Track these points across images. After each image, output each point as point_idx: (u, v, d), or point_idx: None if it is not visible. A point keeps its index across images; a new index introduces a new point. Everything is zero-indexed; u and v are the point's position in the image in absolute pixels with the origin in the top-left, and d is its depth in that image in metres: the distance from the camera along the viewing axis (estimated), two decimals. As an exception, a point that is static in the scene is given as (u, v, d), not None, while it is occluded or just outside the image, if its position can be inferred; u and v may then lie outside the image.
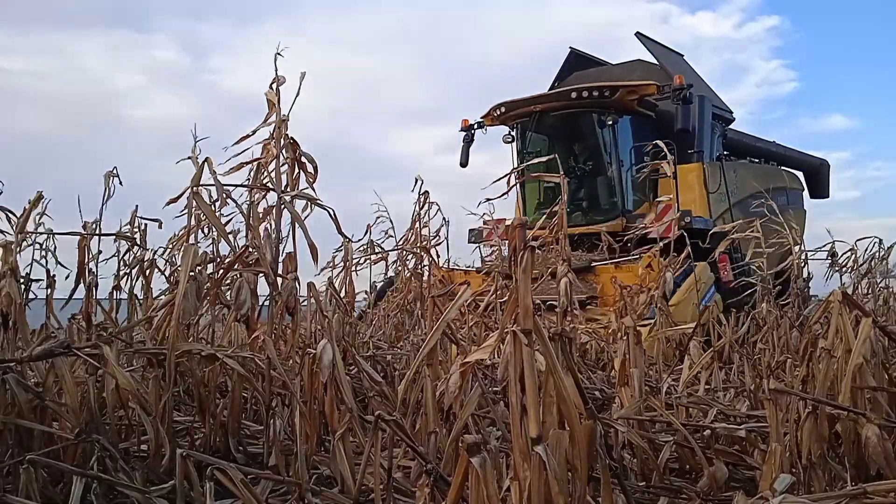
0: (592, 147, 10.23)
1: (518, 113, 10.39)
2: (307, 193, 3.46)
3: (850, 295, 2.81)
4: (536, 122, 10.24)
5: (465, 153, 11.44)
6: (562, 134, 10.53)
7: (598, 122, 9.96)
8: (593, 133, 10.14)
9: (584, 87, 10.03)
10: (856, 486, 2.20)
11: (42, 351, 2.90)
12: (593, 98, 9.78)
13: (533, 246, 1.62)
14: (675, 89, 9.39)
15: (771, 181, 12.15)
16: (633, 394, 2.86)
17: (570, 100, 9.89)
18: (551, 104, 10.09)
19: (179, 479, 2.24)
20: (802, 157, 14.57)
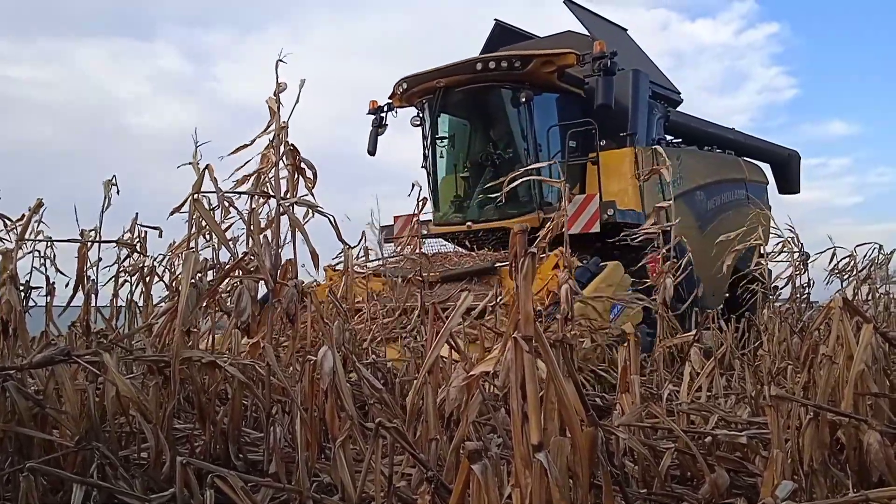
0: (506, 129, 8.91)
1: (422, 90, 8.97)
2: (307, 200, 3.46)
3: (850, 301, 2.81)
4: (443, 100, 8.82)
5: (372, 139, 9.91)
6: (474, 114, 9.23)
7: (511, 99, 8.62)
8: (506, 112, 8.83)
9: (490, 56, 8.74)
10: (858, 492, 2.20)
11: (42, 358, 2.90)
12: (502, 69, 8.40)
13: (534, 252, 1.62)
14: (595, 58, 8.13)
15: (726, 172, 11.06)
16: (634, 400, 2.86)
17: (476, 72, 8.51)
18: (456, 78, 8.66)
19: (179, 487, 2.24)
20: (767, 146, 13.13)
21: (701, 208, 9.78)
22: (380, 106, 9.85)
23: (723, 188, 10.57)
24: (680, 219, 8.37)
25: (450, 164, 9.31)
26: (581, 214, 7.86)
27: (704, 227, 9.68)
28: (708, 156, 10.97)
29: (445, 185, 9.36)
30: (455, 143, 9.24)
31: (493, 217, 8.62)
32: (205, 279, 3.28)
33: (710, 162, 10.88)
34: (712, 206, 10.05)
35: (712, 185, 10.26)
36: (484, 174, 8.80)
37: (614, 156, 8.69)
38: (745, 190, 11.29)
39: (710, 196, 9.99)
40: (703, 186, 10.02)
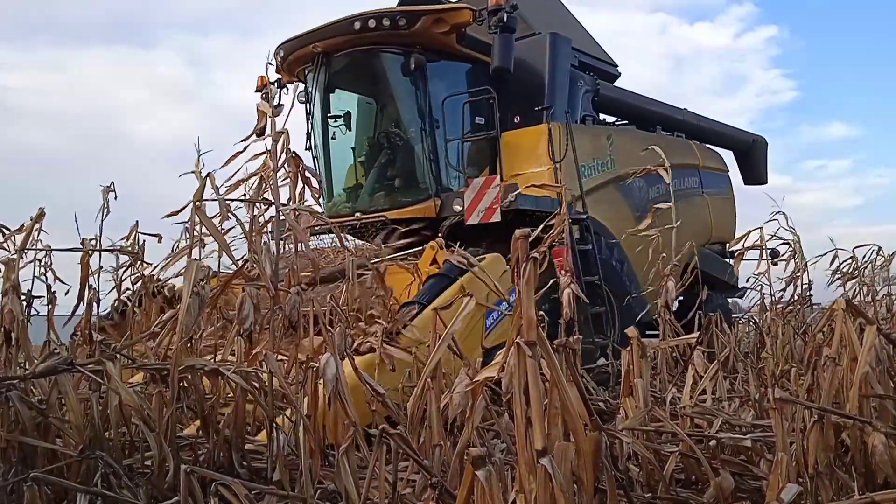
0: (399, 103, 7.60)
1: (300, 57, 7.62)
2: (308, 207, 3.46)
3: (853, 303, 2.81)
4: (326, 69, 7.47)
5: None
6: (362, 86, 7.83)
7: (402, 66, 7.25)
8: (396, 83, 7.47)
9: (369, 13, 7.10)
10: (863, 495, 2.19)
11: (45, 368, 2.90)
12: (384, 29, 6.96)
13: (535, 258, 1.61)
14: (491, 11, 6.76)
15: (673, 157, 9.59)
16: (638, 404, 2.85)
17: (355, 32, 7.01)
18: (333, 41, 7.23)
19: (183, 495, 2.23)
20: (727, 130, 11.55)
21: (639, 197, 8.45)
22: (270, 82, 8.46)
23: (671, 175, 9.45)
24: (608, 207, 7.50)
25: (343, 147, 7.89)
26: (480, 201, 6.73)
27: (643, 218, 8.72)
28: (650, 137, 9.21)
29: (339, 172, 7.98)
30: (349, 121, 7.80)
31: (383, 206, 7.36)
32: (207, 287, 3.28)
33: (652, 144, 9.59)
34: (655, 196, 8.52)
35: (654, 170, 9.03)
36: (379, 157, 7.67)
37: (528, 134, 7.51)
38: (698, 178, 9.96)
39: (651, 183, 8.55)
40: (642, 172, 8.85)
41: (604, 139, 8.29)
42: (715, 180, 10.48)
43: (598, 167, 8.01)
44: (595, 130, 8.45)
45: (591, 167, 7.86)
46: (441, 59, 7.36)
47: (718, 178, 10.67)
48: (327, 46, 7.26)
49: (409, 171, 7.50)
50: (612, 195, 7.96)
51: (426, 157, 7.29)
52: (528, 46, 7.77)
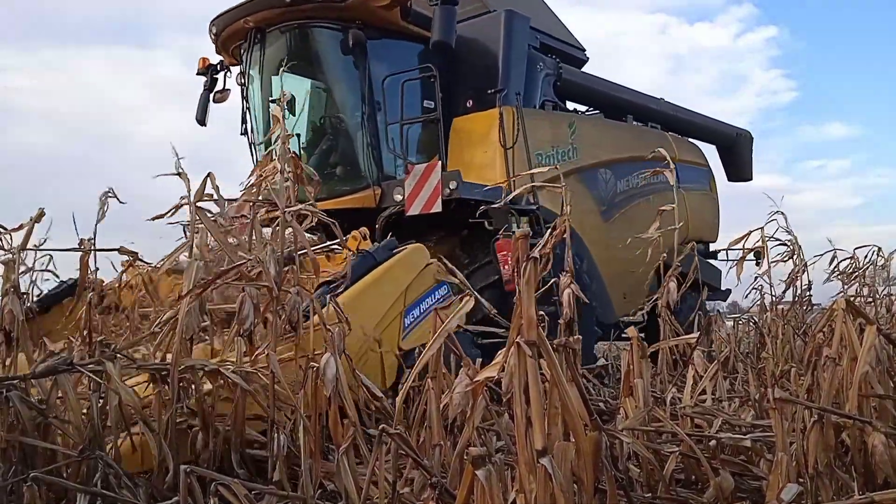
0: (338, 84, 6.99)
1: (233, 33, 7.03)
2: (309, 207, 3.46)
3: (853, 303, 2.80)
4: (261, 47, 6.86)
5: (202, 105, 7.78)
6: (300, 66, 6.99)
7: (341, 44, 6.68)
8: (334, 61, 6.90)
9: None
10: (863, 495, 2.19)
11: (45, 368, 2.90)
12: (317, 2, 6.47)
13: (536, 258, 1.62)
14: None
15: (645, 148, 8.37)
16: (638, 404, 2.85)
17: (286, 5, 6.51)
18: (264, 14, 6.69)
19: (183, 495, 2.23)
20: (708, 123, 10.73)
21: (605, 190, 7.94)
22: (211, 64, 7.74)
23: (640, 168, 8.25)
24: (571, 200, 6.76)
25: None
26: (422, 190, 6.11)
27: (610, 213, 7.99)
28: (619, 127, 8.81)
29: None
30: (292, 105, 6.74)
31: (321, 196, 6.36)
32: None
33: (622, 134, 8.73)
34: (623, 189, 8.21)
35: (624, 162, 8.30)
36: (321, 143, 7.11)
37: (479, 119, 6.95)
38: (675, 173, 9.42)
39: (619, 176, 8.16)
40: (609, 163, 8.13)
41: (565, 126, 7.60)
42: (693, 175, 9.69)
43: (558, 156, 7.32)
44: (555, 117, 7.72)
45: (549, 156, 7.19)
46: (383, 36, 6.77)
47: (697, 173, 9.95)
48: (259, 21, 6.70)
49: (349, 158, 6.93)
50: (573, 187, 7.07)
51: (367, 143, 6.71)
52: (481, 25, 7.27)
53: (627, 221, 7.87)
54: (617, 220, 7.97)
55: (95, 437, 2.88)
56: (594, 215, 7.66)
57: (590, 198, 7.69)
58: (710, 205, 10.11)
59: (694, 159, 9.97)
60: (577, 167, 7.52)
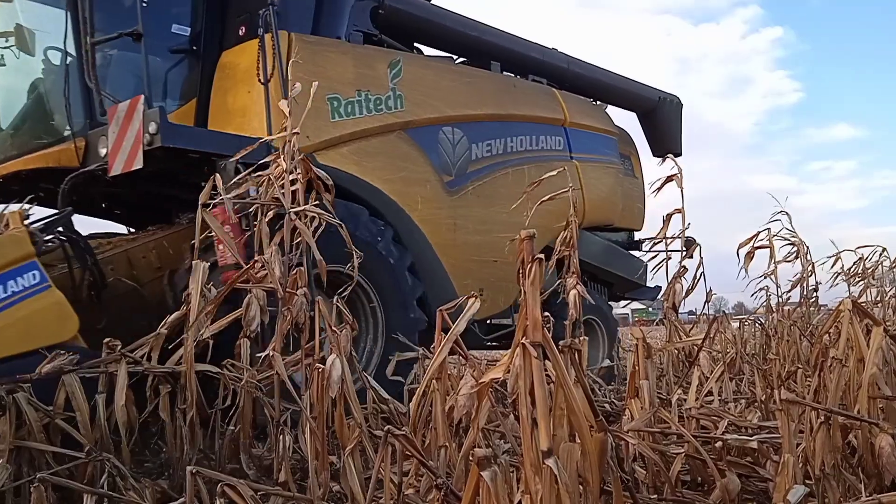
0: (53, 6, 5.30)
1: None
2: (316, 209, 3.47)
3: (860, 304, 2.79)
4: None
5: None
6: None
7: None
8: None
9: None
10: (870, 496, 2.18)
11: (52, 369, 2.92)
12: None
13: (540, 258, 1.61)
14: None
15: (516, 104, 7.04)
16: (644, 405, 2.85)
17: None
18: None
19: (189, 496, 2.24)
20: (621, 84, 8.85)
21: (452, 155, 6.30)
22: None
23: (508, 129, 6.87)
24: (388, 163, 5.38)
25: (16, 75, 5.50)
26: (124, 140, 4.53)
27: (459, 185, 6.32)
28: (477, 75, 6.91)
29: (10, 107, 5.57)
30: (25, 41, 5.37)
31: (12, 153, 5.27)
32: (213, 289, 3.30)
33: (481, 85, 6.85)
34: (481, 155, 6.56)
35: (482, 120, 6.64)
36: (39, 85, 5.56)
37: (247, 49, 5.32)
38: (563, 137, 7.52)
39: (476, 138, 6.49)
40: (459, 120, 6.40)
41: (382, 66, 5.82)
42: (594, 143, 7.93)
43: (370, 104, 5.63)
44: (365, 52, 5.93)
45: (352, 103, 5.50)
46: None
47: (600, 141, 8.08)
48: None
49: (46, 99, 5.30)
50: (397, 147, 5.70)
51: (67, 76, 5.07)
52: None
53: (487, 197, 6.42)
54: (469, 195, 6.33)
55: (102, 439, 2.90)
56: (432, 186, 6.05)
57: (424, 163, 6.03)
58: (626, 183, 8.42)
59: (595, 124, 8.11)
60: (402, 122, 5.86)
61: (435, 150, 6.15)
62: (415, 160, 5.98)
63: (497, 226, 5.63)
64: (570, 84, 8.07)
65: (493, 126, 6.73)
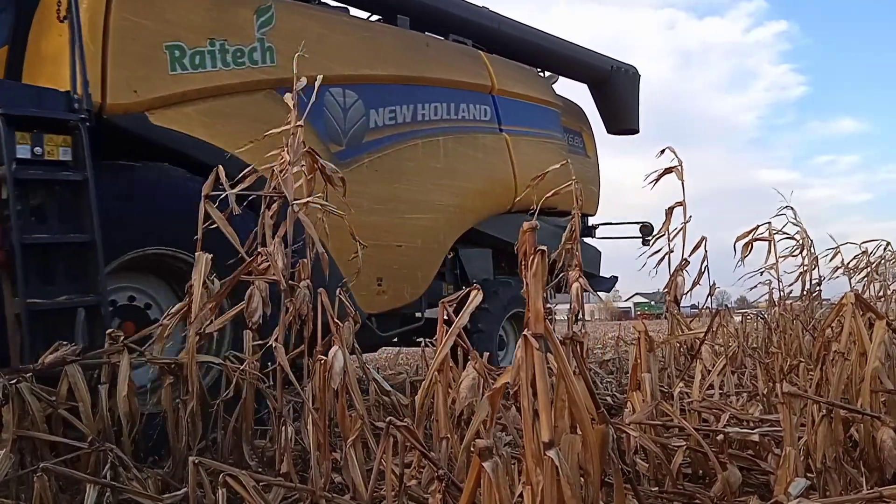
0: None
1: None
2: (320, 201, 3.46)
3: (863, 297, 2.79)
4: None
5: None
6: None
7: None
8: None
9: None
10: (872, 489, 2.18)
11: (54, 359, 2.92)
12: None
13: (544, 250, 1.61)
14: None
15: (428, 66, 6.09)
16: (646, 398, 2.85)
17: None
18: None
19: (192, 487, 2.25)
20: (566, 51, 7.82)
21: (342, 121, 5.39)
22: None
23: (419, 95, 5.94)
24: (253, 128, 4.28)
25: None
26: None
27: (352, 156, 5.37)
28: (378, 29, 6.01)
29: None
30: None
31: None
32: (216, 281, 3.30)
33: (383, 41, 5.87)
34: (382, 123, 5.61)
35: (384, 82, 5.67)
36: None
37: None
38: (490, 107, 6.67)
39: (374, 103, 5.58)
40: (353, 81, 5.47)
41: (246, 13, 4.90)
42: (530, 115, 7.07)
43: (227, 57, 4.71)
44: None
45: (203, 53, 4.57)
46: None
47: (538, 113, 7.21)
48: None
49: None
50: (264, 109, 4.76)
51: None
52: None
53: (389, 172, 5.53)
54: (366, 168, 5.40)
55: (105, 429, 2.91)
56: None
57: (310, 132, 4.96)
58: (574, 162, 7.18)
59: (535, 94, 7.24)
60: (273, 79, 4.87)
61: (319, 115, 5.13)
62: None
63: (402, 205, 4.71)
64: (501, 48, 7.11)
65: (399, 90, 5.74)
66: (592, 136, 8.25)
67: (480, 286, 2.65)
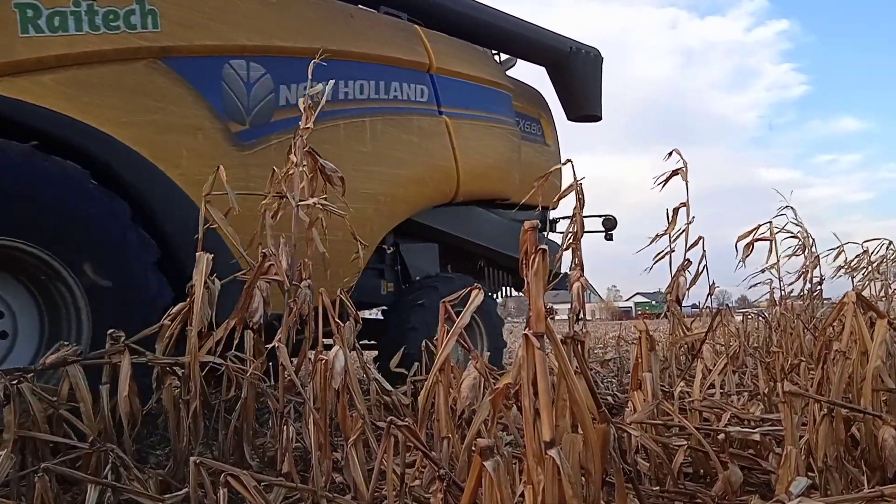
0: None
1: None
2: (322, 201, 3.46)
3: (864, 296, 2.79)
4: None
5: None
6: None
7: None
8: None
9: None
10: (873, 488, 2.18)
11: (55, 359, 2.93)
12: None
13: (544, 249, 1.61)
14: None
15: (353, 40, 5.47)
16: (647, 398, 2.85)
17: None
18: None
19: (193, 487, 2.25)
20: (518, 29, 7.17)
21: (245, 98, 4.79)
22: None
23: (341, 71, 5.23)
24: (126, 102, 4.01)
25: None
26: None
27: (255, 137, 4.82)
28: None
29: None
30: None
31: None
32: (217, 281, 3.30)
33: (297, 10, 5.26)
34: (296, 102, 4.85)
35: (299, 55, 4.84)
36: None
37: None
38: (427, 87, 6.06)
39: (286, 78, 4.97)
40: (260, 53, 4.88)
41: None
42: (475, 96, 6.48)
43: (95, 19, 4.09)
44: None
45: (65, 14, 3.99)
46: None
47: (485, 95, 6.64)
48: None
49: None
50: (146, 80, 4.23)
51: None
52: None
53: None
54: (275, 151, 4.79)
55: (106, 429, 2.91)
56: (207, 136, 4.54)
57: (194, 104, 4.51)
58: (530, 151, 7.17)
59: (481, 75, 6.64)
60: (157, 47, 4.32)
61: (216, 90, 4.59)
62: (177, 100, 4.39)
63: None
64: (442, 23, 6.42)
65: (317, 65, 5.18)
66: (553, 124, 7.78)
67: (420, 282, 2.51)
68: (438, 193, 6.00)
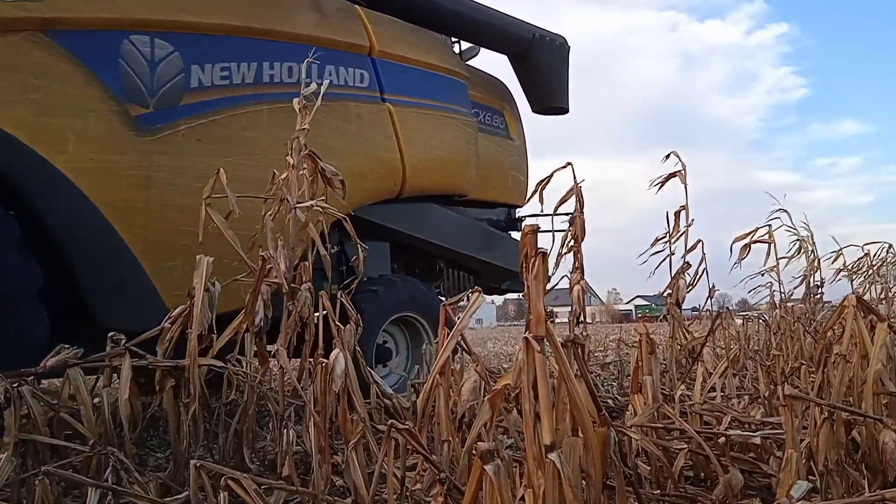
0: None
1: None
2: (322, 203, 3.47)
3: (864, 299, 2.79)
4: None
5: None
6: None
7: None
8: None
9: None
10: (874, 492, 2.18)
11: (56, 363, 2.93)
12: None
13: (544, 252, 1.61)
14: None
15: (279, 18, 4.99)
16: (647, 401, 2.85)
17: None
18: None
19: (193, 490, 2.25)
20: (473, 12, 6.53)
21: (149, 77, 4.25)
22: None
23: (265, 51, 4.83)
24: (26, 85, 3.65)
25: None
26: None
27: (164, 123, 4.30)
28: None
29: None
30: None
31: None
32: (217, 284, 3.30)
33: None
34: (211, 84, 4.49)
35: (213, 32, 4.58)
36: None
37: None
38: (368, 72, 5.55)
39: (197, 57, 4.48)
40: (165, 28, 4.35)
41: None
42: (423, 84, 5.96)
43: None
44: None
45: None
46: None
47: (435, 83, 6.09)
48: None
49: None
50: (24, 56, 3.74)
51: None
52: None
53: (219, 143, 4.46)
54: (182, 137, 4.35)
55: (106, 432, 2.91)
56: (100, 118, 4.02)
57: (86, 84, 3.98)
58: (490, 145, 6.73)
59: (430, 60, 6.10)
60: (38, 18, 3.79)
61: (113, 68, 4.08)
62: (63, 78, 3.87)
63: (237, 184, 3.42)
64: (390, 6, 5.90)
65: (237, 43, 4.62)
66: (518, 117, 7.31)
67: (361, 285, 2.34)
68: (382, 188, 5.51)
